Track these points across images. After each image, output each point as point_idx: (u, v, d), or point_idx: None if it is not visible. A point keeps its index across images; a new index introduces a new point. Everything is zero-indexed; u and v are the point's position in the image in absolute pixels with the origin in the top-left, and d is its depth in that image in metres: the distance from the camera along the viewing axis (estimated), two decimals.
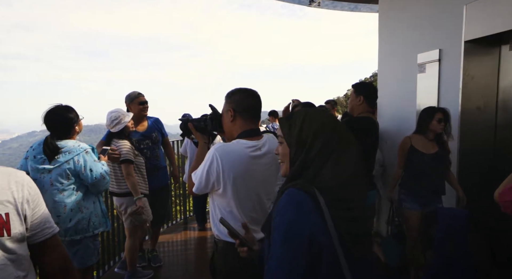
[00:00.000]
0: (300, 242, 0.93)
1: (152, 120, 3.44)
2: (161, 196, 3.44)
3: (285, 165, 1.11)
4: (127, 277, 3.15)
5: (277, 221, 0.97)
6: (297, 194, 0.97)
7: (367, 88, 2.79)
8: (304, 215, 0.95)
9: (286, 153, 1.10)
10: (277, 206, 1.00)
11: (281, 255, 0.93)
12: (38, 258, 1.20)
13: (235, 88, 1.66)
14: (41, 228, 1.21)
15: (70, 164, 2.17)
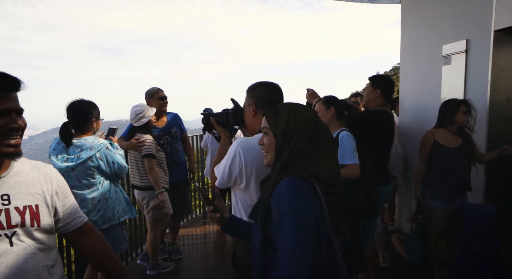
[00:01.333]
0: (310, 226, 1.01)
1: (171, 116, 3.48)
2: (181, 190, 3.49)
3: (270, 155, 1.19)
4: (149, 268, 3.22)
5: (284, 208, 1.01)
6: (297, 182, 1.04)
7: (384, 81, 2.75)
8: (309, 200, 1.03)
9: (272, 143, 1.17)
10: (277, 195, 1.05)
11: (295, 239, 0.98)
12: (76, 244, 1.29)
13: (256, 82, 1.65)
14: (72, 217, 1.28)
15: (93, 160, 2.22)
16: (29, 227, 1.08)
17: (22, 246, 1.06)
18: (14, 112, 1.03)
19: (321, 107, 2.38)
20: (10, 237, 1.04)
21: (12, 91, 1.03)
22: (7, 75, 1.02)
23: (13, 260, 1.03)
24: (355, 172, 2.10)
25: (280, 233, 1.01)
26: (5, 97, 1.01)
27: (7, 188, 1.06)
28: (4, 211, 1.04)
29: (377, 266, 3.11)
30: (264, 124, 1.21)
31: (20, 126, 1.03)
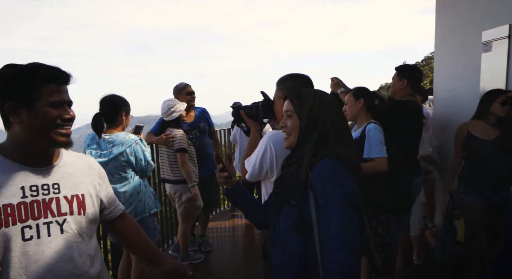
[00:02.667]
0: (356, 203, 1.08)
1: (199, 110, 3.52)
2: (211, 184, 3.53)
3: (293, 137, 1.22)
4: (181, 259, 3.30)
5: (330, 186, 1.07)
6: (338, 163, 1.10)
7: (411, 71, 2.65)
8: (351, 180, 1.11)
9: (296, 126, 1.21)
10: (319, 175, 1.09)
11: (344, 213, 1.04)
12: (116, 230, 1.36)
13: (286, 74, 1.63)
14: (115, 205, 1.34)
15: (124, 155, 2.29)
16: (77, 215, 1.14)
17: (71, 233, 1.12)
18: (66, 104, 1.09)
19: (350, 98, 2.33)
20: (61, 224, 1.10)
21: (64, 84, 1.09)
22: (61, 69, 1.08)
23: (62, 246, 1.08)
24: (382, 166, 2.03)
25: (326, 211, 1.06)
26: (59, 89, 1.07)
27: (58, 178, 1.12)
28: (55, 199, 1.09)
29: (410, 263, 3.03)
30: (287, 107, 1.24)
31: (72, 117, 1.09)
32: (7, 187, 1.02)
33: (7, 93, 1.03)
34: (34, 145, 1.08)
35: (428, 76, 22.04)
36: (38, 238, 1.05)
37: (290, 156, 1.27)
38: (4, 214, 0.99)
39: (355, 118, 2.32)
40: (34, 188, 1.06)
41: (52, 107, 1.05)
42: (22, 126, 1.04)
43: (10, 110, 1.03)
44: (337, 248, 1.02)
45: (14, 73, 1.04)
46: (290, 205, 1.16)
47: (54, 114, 1.05)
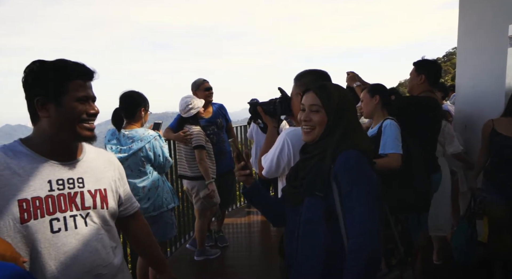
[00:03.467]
0: (378, 192, 1.13)
1: (216, 106, 3.54)
2: (227, 180, 3.56)
3: (317, 131, 1.24)
4: (197, 254, 3.35)
5: (355, 175, 1.12)
6: (361, 154, 1.16)
7: (429, 66, 2.57)
8: (373, 170, 1.17)
9: (323, 120, 1.23)
10: (344, 165, 1.13)
11: (368, 201, 1.09)
12: (130, 227, 1.38)
13: (304, 70, 1.62)
14: (131, 202, 1.37)
15: (143, 151, 2.33)
16: (100, 209, 1.16)
17: (95, 226, 1.15)
18: (91, 99, 1.12)
19: (365, 95, 2.29)
20: (84, 217, 1.13)
21: (89, 80, 1.12)
22: (86, 65, 1.10)
23: (88, 238, 1.12)
24: (396, 162, 1.98)
25: (351, 199, 1.10)
26: (84, 85, 1.10)
27: (82, 172, 1.15)
28: (79, 193, 1.12)
29: (429, 263, 2.96)
30: (314, 101, 1.24)
31: (96, 112, 1.12)
32: (35, 180, 1.04)
33: (37, 88, 1.06)
34: (60, 139, 1.10)
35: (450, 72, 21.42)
36: (65, 231, 1.08)
37: (309, 149, 1.28)
38: (33, 207, 1.02)
39: (371, 115, 2.28)
40: (61, 182, 1.09)
41: (78, 102, 1.08)
42: (50, 121, 1.07)
43: (39, 105, 1.05)
44: (362, 233, 1.06)
45: (43, 68, 1.06)
46: (313, 197, 1.18)
47: (80, 109, 1.08)
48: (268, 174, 1.55)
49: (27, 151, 1.07)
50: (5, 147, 1.07)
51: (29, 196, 1.02)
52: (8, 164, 1.02)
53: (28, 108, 1.10)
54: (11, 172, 1.01)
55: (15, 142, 1.10)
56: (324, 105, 1.22)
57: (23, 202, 1.01)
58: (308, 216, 1.21)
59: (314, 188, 1.18)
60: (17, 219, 1.00)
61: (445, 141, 2.88)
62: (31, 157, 1.06)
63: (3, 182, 0.99)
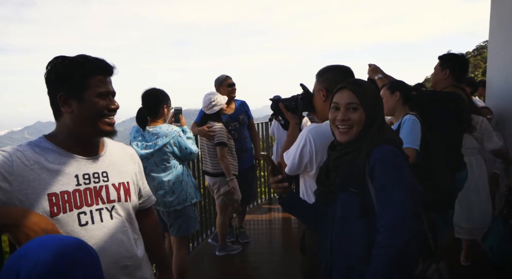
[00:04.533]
0: (414, 185, 1.10)
1: (239, 103, 3.56)
2: (248, 176, 3.57)
3: (355, 130, 1.21)
4: (218, 250, 3.39)
5: (391, 169, 1.10)
6: (395, 149, 1.15)
7: (455, 60, 2.46)
8: (408, 163, 1.16)
9: (362, 119, 1.20)
10: (379, 159, 1.12)
11: (405, 192, 1.07)
12: (143, 221, 1.38)
13: (326, 66, 1.59)
14: (148, 196, 1.40)
15: (168, 146, 2.37)
16: (124, 202, 1.19)
17: (120, 219, 1.18)
18: (111, 94, 1.14)
19: (385, 92, 2.23)
20: (110, 210, 1.16)
21: (109, 75, 1.14)
22: (106, 61, 1.12)
23: (113, 231, 1.15)
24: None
25: (386, 193, 1.08)
26: (105, 80, 1.11)
27: (105, 166, 1.17)
28: (104, 187, 1.15)
29: (457, 264, 2.87)
30: (352, 100, 1.21)
31: (117, 107, 1.14)
32: (63, 175, 1.07)
33: (59, 84, 1.07)
34: (82, 134, 1.11)
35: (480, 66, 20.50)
36: (92, 224, 1.10)
37: (340, 148, 1.25)
38: (62, 201, 1.05)
39: (392, 112, 2.23)
40: (87, 176, 1.11)
41: (99, 97, 1.09)
42: (72, 116, 1.08)
43: (61, 100, 1.07)
44: (393, 228, 1.03)
45: (65, 64, 1.07)
46: (348, 194, 1.16)
47: (101, 105, 1.09)
48: (290, 171, 1.54)
49: (53, 147, 1.09)
50: (31, 143, 1.09)
51: (58, 190, 1.04)
52: (37, 159, 1.04)
53: (51, 104, 1.11)
54: (40, 167, 1.03)
55: (40, 138, 1.11)
56: (362, 102, 1.19)
57: (52, 196, 1.03)
58: (343, 214, 1.18)
59: (348, 185, 1.16)
60: (48, 212, 1.02)
61: (483, 138, 2.76)
62: (57, 152, 1.08)
63: (33, 177, 1.02)
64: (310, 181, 1.56)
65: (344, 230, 1.19)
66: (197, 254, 3.50)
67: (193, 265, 3.17)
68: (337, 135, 1.25)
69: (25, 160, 1.01)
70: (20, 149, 1.04)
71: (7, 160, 0.99)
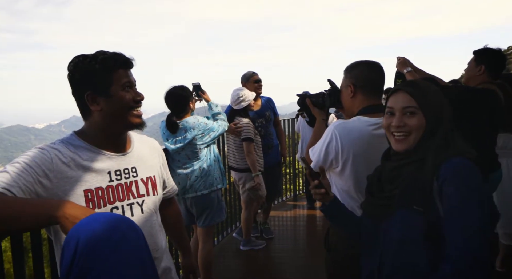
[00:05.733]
0: (487, 203, 0.98)
1: (265, 99, 3.57)
2: (274, 173, 3.58)
3: (413, 137, 1.07)
4: (243, 244, 3.43)
5: (466, 186, 0.97)
6: (470, 163, 1.00)
7: (491, 56, 2.33)
8: (482, 181, 1.00)
9: (422, 124, 1.06)
10: (452, 174, 0.98)
11: (480, 215, 0.94)
12: (165, 209, 1.42)
13: (355, 62, 1.56)
14: (171, 186, 1.44)
15: (197, 138, 2.42)
16: (152, 196, 1.23)
17: (149, 213, 1.21)
18: (134, 85, 1.15)
19: None
20: (141, 205, 1.19)
21: (129, 68, 1.15)
22: (124, 54, 1.13)
23: (144, 224, 1.18)
24: None
25: (460, 216, 0.94)
26: (126, 73, 1.12)
27: (134, 162, 1.20)
28: (134, 182, 1.18)
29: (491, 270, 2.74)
30: (409, 103, 1.07)
31: (142, 98, 1.15)
32: (97, 172, 1.08)
33: (85, 83, 1.08)
34: (113, 129, 1.13)
35: None
36: None
37: (398, 157, 1.12)
38: (96, 197, 1.08)
39: None
40: (118, 172, 1.14)
41: (124, 91, 1.10)
42: (102, 113, 1.09)
43: (89, 99, 1.08)
44: (464, 259, 0.90)
45: (87, 63, 1.07)
46: (410, 212, 1.02)
47: (128, 97, 1.10)
48: (315, 167, 1.52)
49: (85, 144, 1.10)
50: (64, 141, 1.10)
51: (92, 186, 1.07)
52: (72, 156, 1.06)
53: (78, 104, 1.12)
54: (76, 164, 1.06)
55: (72, 136, 1.13)
56: (421, 105, 1.05)
57: (88, 192, 1.06)
58: (402, 234, 1.04)
59: (411, 202, 1.01)
60: None
61: None
62: (90, 150, 1.10)
63: (70, 174, 1.04)
64: (336, 178, 1.54)
65: (400, 253, 1.05)
66: (221, 248, 3.56)
67: (218, 259, 3.23)
68: (392, 143, 1.12)
69: (63, 158, 1.04)
70: (56, 147, 1.06)
71: (47, 157, 1.02)
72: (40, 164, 0.99)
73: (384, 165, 1.18)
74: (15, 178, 0.93)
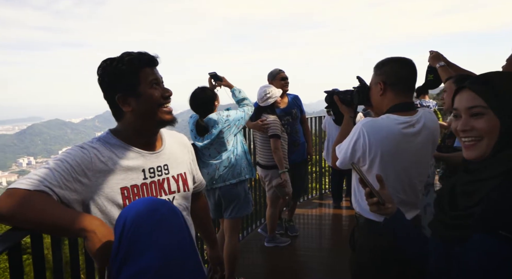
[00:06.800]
0: None
1: (291, 97, 3.56)
2: (300, 171, 3.57)
3: (486, 143, 0.89)
4: (267, 241, 3.45)
5: None
6: None
7: None
8: None
9: (494, 126, 0.87)
10: None
11: None
12: (193, 202, 1.42)
13: (386, 58, 1.52)
14: (200, 181, 1.46)
15: (223, 133, 2.46)
16: (182, 192, 1.26)
17: (180, 209, 1.22)
18: (161, 82, 1.17)
19: (450, 86, 2.06)
20: (172, 201, 1.22)
21: (155, 66, 1.16)
22: (149, 53, 1.15)
23: None
24: None
25: None
26: (152, 71, 1.14)
27: (166, 159, 1.22)
28: (166, 179, 1.21)
29: None
30: (474, 102, 0.90)
31: (171, 94, 1.17)
32: (132, 170, 1.12)
33: (115, 86, 1.10)
34: (146, 128, 1.15)
35: None
36: None
37: (475, 167, 0.94)
38: (132, 194, 1.11)
39: None
40: (152, 170, 1.16)
41: (152, 88, 1.11)
42: (133, 113, 1.11)
43: (121, 101, 1.10)
44: None
45: (115, 66, 1.09)
46: (495, 237, 0.81)
47: (157, 94, 1.12)
48: (342, 164, 1.51)
49: (121, 143, 1.13)
50: (101, 139, 1.13)
51: (128, 184, 1.10)
52: (109, 155, 1.09)
53: (110, 106, 1.14)
54: (113, 163, 1.09)
55: (108, 134, 1.15)
56: (491, 104, 0.88)
57: (124, 190, 1.09)
58: (482, 265, 0.84)
59: (496, 225, 0.81)
60: (121, 205, 1.08)
61: None
62: (125, 148, 1.13)
63: (108, 172, 1.07)
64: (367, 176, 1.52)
65: None
66: (246, 243, 3.60)
67: (242, 254, 3.26)
68: (463, 150, 0.96)
69: (101, 156, 1.07)
70: (95, 145, 1.09)
71: (87, 156, 1.05)
72: (80, 163, 1.03)
73: (460, 176, 0.99)
74: (56, 177, 0.98)
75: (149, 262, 0.78)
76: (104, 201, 1.07)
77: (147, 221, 0.80)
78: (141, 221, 0.80)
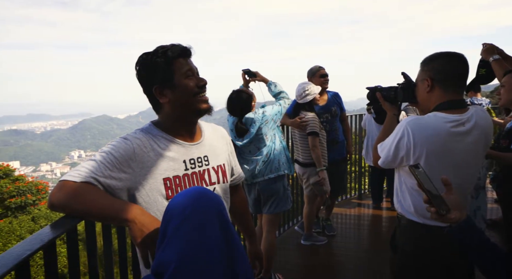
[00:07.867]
0: None
1: (331, 94, 3.50)
2: (339, 169, 3.51)
3: None
4: (304, 239, 3.44)
5: None
6: None
7: None
8: None
9: None
10: None
11: None
12: (232, 197, 1.44)
13: (434, 53, 1.45)
14: (238, 173, 1.48)
15: (261, 129, 2.48)
16: (222, 184, 1.29)
17: None
18: (196, 72, 1.19)
19: (509, 80, 1.90)
20: None
21: (188, 56, 1.19)
22: (182, 44, 1.17)
23: None
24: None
25: None
26: (186, 62, 1.17)
27: (206, 151, 1.26)
28: (206, 170, 1.24)
29: None
30: None
31: (205, 83, 1.19)
32: (174, 161, 1.14)
33: (151, 78, 1.13)
34: (184, 118, 1.17)
35: None
36: None
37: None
38: (174, 185, 1.13)
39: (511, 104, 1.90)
40: (192, 161, 1.18)
41: (187, 79, 1.13)
42: (171, 104, 1.14)
43: (158, 93, 1.13)
44: None
45: (150, 59, 1.13)
46: None
47: (191, 84, 1.15)
48: (384, 164, 1.47)
49: (163, 134, 1.15)
50: (144, 130, 1.16)
51: (171, 175, 1.12)
52: (152, 146, 1.12)
53: (149, 100, 1.17)
54: (155, 154, 1.11)
55: (150, 126, 1.18)
56: None
57: (167, 180, 1.12)
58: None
59: None
60: (164, 195, 1.11)
61: None
62: (167, 139, 1.15)
63: (150, 163, 1.10)
64: (406, 176, 1.47)
65: None
66: (283, 240, 3.60)
67: (278, 251, 3.27)
68: None
69: (143, 147, 1.10)
70: (138, 136, 1.12)
71: (130, 147, 1.08)
72: (124, 154, 1.08)
73: None
74: (102, 169, 1.05)
75: (170, 256, 0.80)
76: (148, 191, 1.11)
77: (178, 214, 0.82)
78: (173, 214, 0.83)
